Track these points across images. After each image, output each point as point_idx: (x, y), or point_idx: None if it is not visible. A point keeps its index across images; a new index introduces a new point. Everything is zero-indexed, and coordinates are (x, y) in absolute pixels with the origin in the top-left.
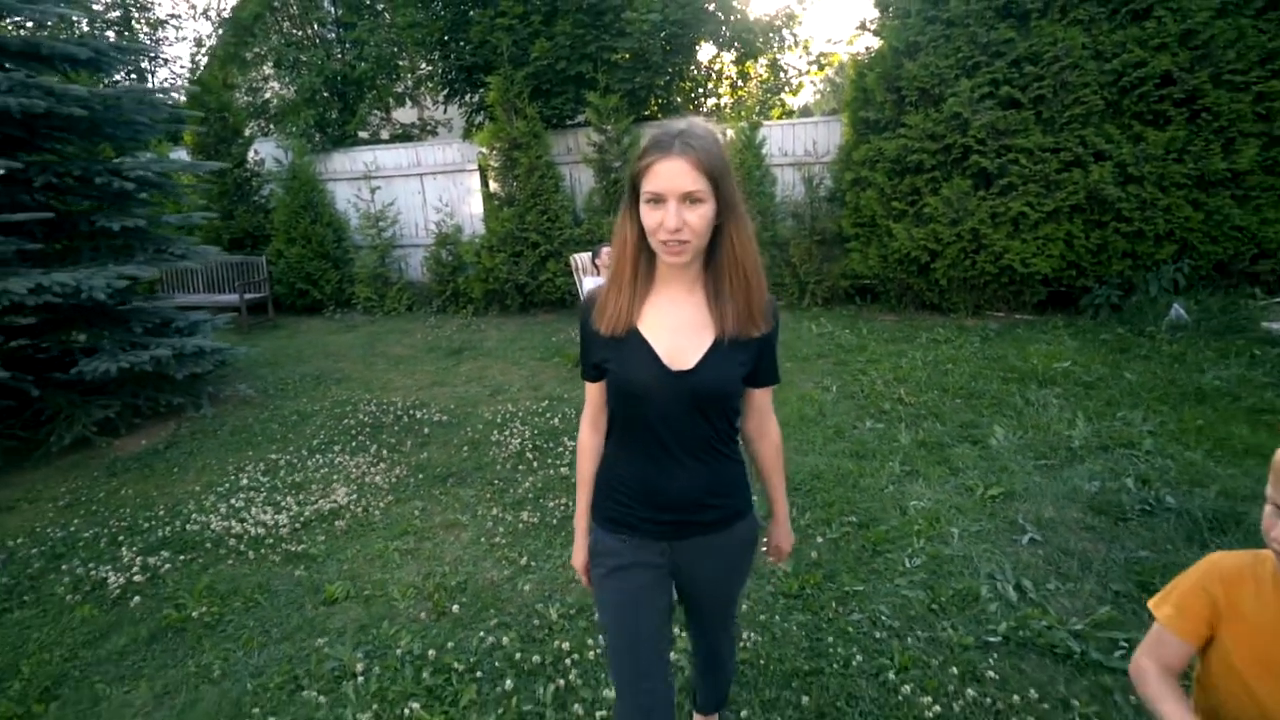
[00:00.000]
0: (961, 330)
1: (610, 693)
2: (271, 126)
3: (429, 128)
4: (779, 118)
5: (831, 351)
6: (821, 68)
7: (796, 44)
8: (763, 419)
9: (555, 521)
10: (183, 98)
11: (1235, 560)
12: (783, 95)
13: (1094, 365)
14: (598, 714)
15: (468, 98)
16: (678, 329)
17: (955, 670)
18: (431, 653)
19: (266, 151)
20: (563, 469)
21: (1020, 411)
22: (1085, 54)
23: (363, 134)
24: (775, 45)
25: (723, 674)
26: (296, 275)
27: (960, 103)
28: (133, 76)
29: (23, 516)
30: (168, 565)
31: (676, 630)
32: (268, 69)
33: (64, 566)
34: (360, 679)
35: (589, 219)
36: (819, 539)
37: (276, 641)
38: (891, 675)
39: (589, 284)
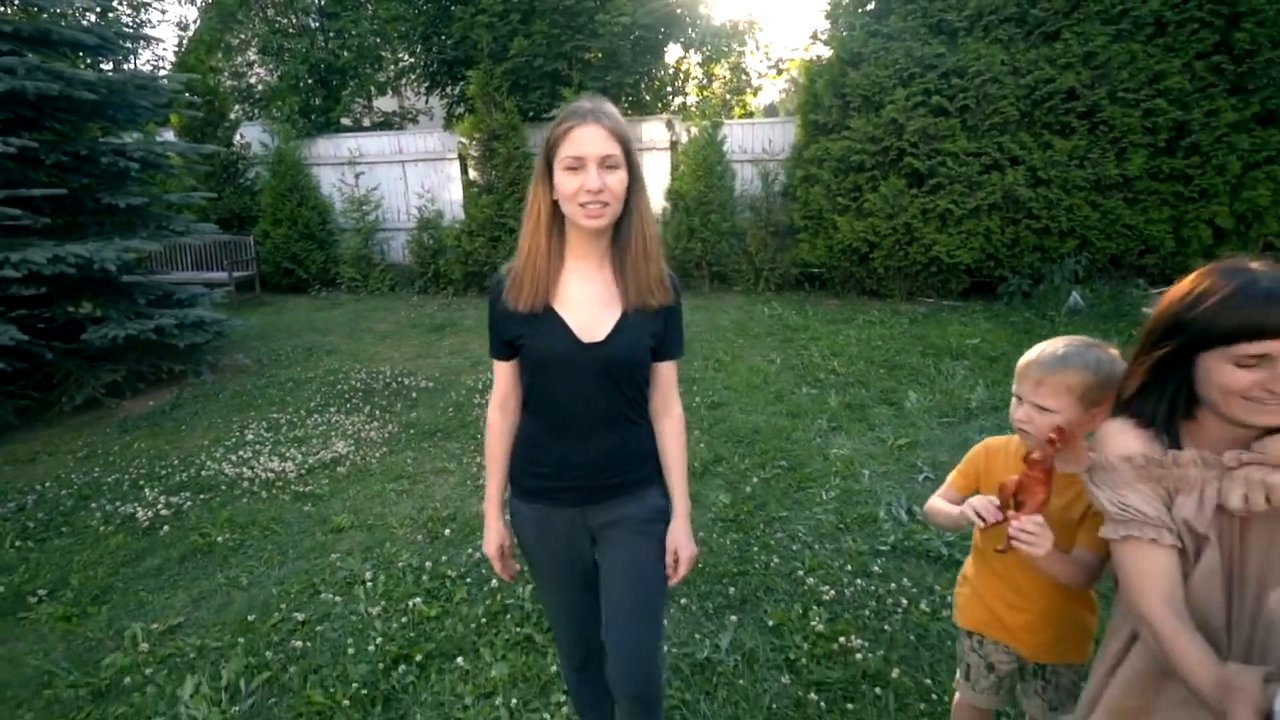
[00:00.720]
0: (895, 313)
1: None
2: (257, 111)
3: (410, 116)
4: (740, 117)
5: (779, 330)
6: (780, 72)
7: (758, 48)
8: (667, 395)
9: None
10: (175, 84)
11: (999, 440)
12: (745, 95)
13: (999, 343)
14: None
15: (448, 89)
16: (588, 303)
17: (850, 568)
18: (428, 564)
19: (252, 135)
20: None
21: (933, 380)
22: (1004, 69)
23: (346, 121)
24: (738, 49)
25: (639, 691)
26: (283, 255)
27: (897, 109)
28: (116, 59)
29: (45, 466)
30: (189, 503)
31: None
32: (252, 54)
33: (93, 505)
34: (369, 584)
35: None
36: (754, 479)
37: (293, 560)
38: (800, 573)
39: None
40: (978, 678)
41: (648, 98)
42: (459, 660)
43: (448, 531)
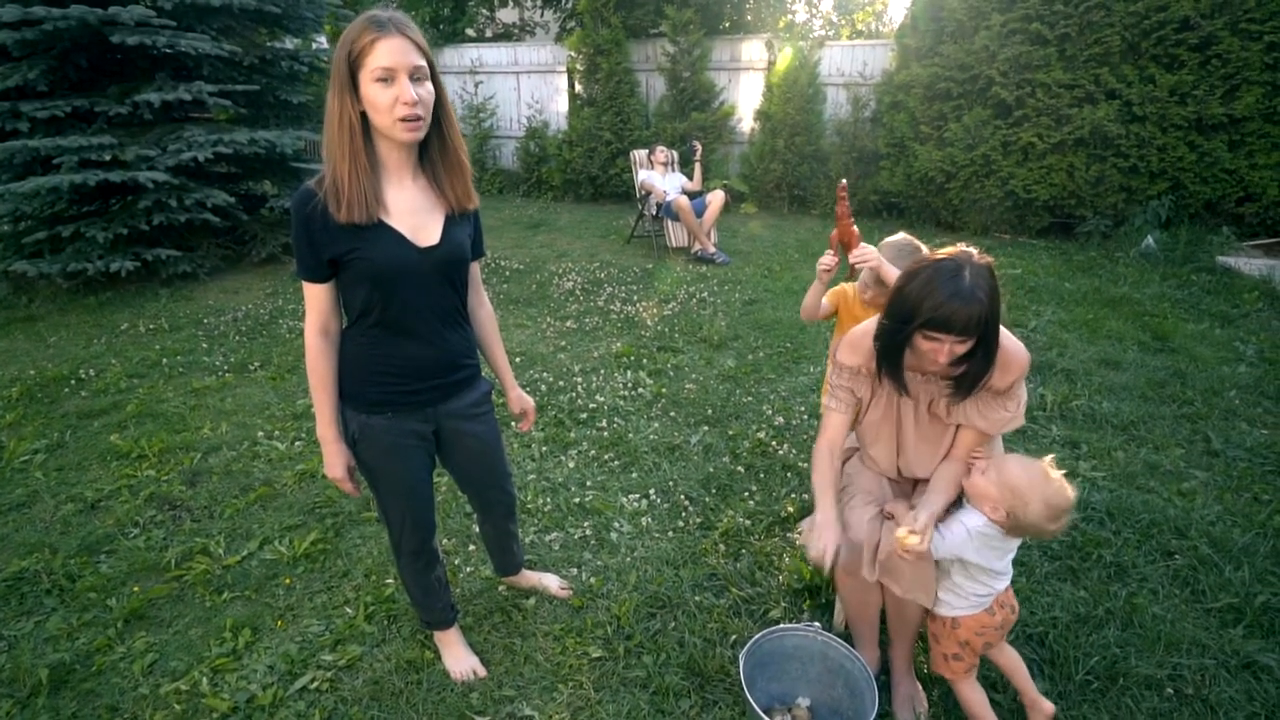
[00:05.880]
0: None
1: (578, 429)
2: None
3: (528, 28)
4: (849, 38)
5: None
6: None
7: None
8: (479, 290)
9: (587, 328)
10: (334, 1)
11: (849, 286)
12: (854, 15)
13: (1043, 275)
14: (590, 407)
15: (563, 3)
16: (411, 211)
17: (804, 410)
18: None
19: None
20: (599, 302)
21: None
22: None
23: (469, 32)
24: None
25: (512, 537)
26: None
27: (990, 36)
28: None
29: (244, 297)
30: None
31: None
32: None
33: (280, 321)
34: None
35: (657, 123)
36: (760, 353)
37: None
38: (766, 410)
39: (643, 175)
40: None
41: (749, 17)
42: (511, 426)
43: (518, 360)
